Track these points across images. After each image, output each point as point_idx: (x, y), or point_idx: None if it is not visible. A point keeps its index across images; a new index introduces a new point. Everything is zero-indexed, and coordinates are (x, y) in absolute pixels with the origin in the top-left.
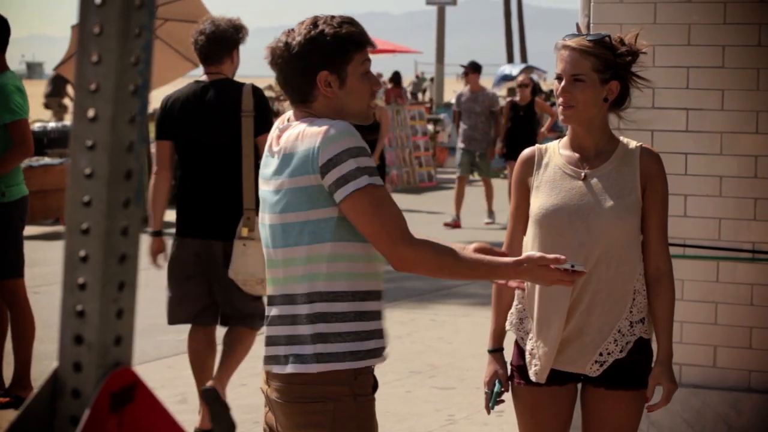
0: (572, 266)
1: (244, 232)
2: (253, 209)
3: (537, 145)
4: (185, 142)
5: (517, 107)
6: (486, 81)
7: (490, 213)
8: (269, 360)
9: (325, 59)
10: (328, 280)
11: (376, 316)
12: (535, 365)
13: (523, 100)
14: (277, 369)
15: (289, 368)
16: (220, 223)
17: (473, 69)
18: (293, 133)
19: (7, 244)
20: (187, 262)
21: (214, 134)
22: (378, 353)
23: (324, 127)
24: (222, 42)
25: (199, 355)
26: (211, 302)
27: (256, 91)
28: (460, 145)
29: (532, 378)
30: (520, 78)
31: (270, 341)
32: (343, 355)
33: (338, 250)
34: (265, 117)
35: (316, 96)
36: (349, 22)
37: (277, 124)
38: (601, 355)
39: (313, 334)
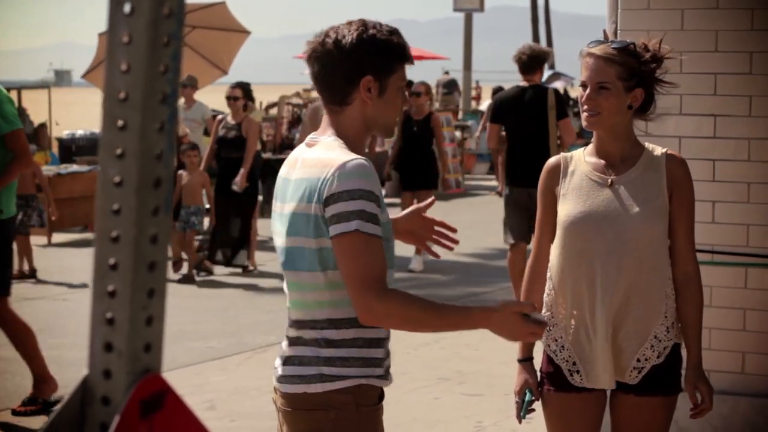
0: (538, 318)
1: None
2: None
3: (562, 154)
4: (510, 127)
5: (410, 122)
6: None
7: None
8: (279, 377)
9: (373, 64)
10: (332, 307)
11: (384, 342)
12: (574, 370)
13: (419, 113)
14: (283, 388)
15: (295, 388)
16: (536, 176)
17: None
18: (310, 158)
19: (3, 261)
20: (519, 201)
21: (530, 121)
22: (383, 377)
23: (340, 160)
24: (535, 60)
25: (516, 265)
26: (528, 228)
27: (556, 92)
28: None
29: (574, 383)
30: (416, 85)
31: (281, 359)
32: (346, 377)
33: (340, 278)
34: (563, 109)
35: (353, 99)
36: (397, 33)
37: (297, 149)
38: (638, 361)
39: (320, 357)
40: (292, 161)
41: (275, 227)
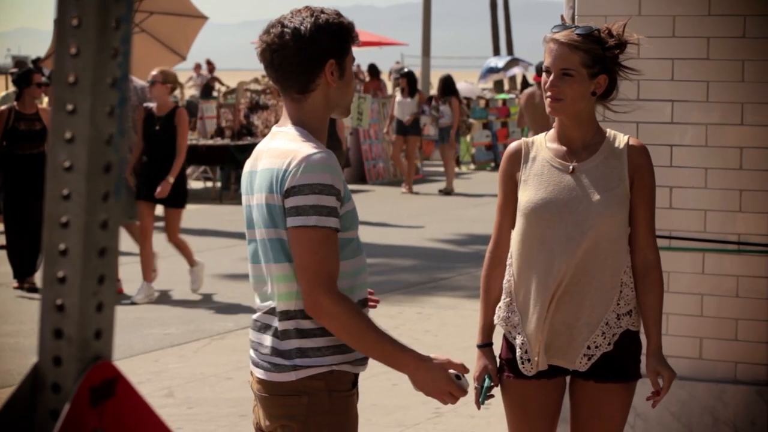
0: (458, 377)
1: None
2: None
3: (523, 138)
4: None
5: (152, 118)
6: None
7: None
8: (254, 362)
9: (334, 47)
10: (299, 299)
11: None
12: (525, 359)
13: (162, 108)
14: (258, 373)
15: (270, 376)
16: None
17: None
18: (274, 148)
19: None
20: None
21: None
22: (357, 363)
23: (303, 153)
24: None
25: None
26: None
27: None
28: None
29: (524, 372)
30: (153, 72)
31: (255, 345)
32: (320, 365)
33: None
34: None
35: (317, 85)
36: (341, 14)
37: (261, 143)
38: (589, 348)
39: (294, 348)
40: (256, 154)
41: (246, 219)
